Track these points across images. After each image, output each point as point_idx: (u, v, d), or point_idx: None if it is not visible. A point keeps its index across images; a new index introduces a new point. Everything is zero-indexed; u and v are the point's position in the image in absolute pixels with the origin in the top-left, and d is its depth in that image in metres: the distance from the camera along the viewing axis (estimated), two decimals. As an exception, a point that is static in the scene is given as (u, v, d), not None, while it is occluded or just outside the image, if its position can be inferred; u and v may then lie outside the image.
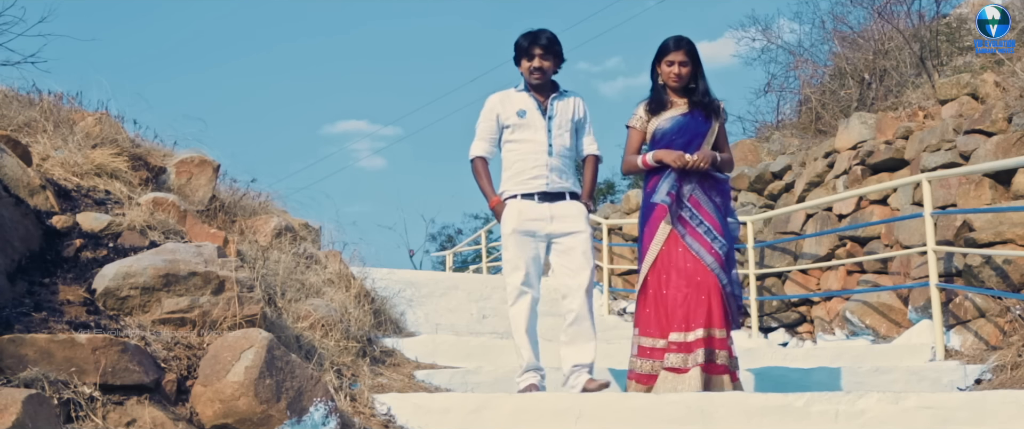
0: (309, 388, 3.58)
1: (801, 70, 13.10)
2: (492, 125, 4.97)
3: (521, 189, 4.85)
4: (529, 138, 4.87)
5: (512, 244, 4.81)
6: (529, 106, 4.92)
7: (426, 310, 8.43)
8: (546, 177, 4.84)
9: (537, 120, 4.90)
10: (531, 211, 4.81)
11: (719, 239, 4.57)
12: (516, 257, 4.80)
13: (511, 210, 4.83)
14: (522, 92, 4.98)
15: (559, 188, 4.86)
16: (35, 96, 6.43)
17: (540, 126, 4.88)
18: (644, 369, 4.56)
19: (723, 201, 4.73)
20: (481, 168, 4.98)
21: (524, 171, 4.86)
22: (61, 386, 3.07)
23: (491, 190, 4.94)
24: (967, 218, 6.35)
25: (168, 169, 6.06)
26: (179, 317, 3.94)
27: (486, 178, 4.97)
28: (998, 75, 7.46)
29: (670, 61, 4.74)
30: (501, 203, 4.86)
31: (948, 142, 7.14)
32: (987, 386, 5.23)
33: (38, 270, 4.13)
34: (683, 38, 4.76)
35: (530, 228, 4.80)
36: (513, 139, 4.92)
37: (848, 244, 7.92)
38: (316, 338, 4.91)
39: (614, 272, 10.85)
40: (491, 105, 5.00)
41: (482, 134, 4.99)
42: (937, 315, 6.05)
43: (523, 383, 4.72)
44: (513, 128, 4.91)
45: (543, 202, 4.82)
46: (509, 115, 4.92)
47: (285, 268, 5.62)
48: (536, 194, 4.83)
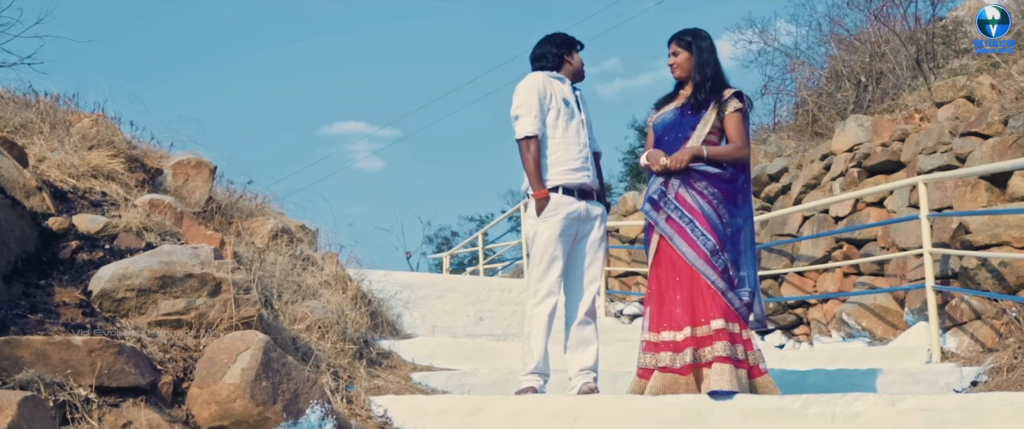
0: (305, 390, 3.58)
1: (798, 72, 13.11)
2: (542, 103, 4.67)
3: (565, 180, 4.64)
4: (573, 129, 4.71)
5: (548, 240, 4.61)
6: (571, 97, 4.80)
7: (423, 312, 8.43)
8: (588, 172, 4.72)
9: (577, 113, 4.79)
10: (573, 207, 4.65)
11: (706, 236, 4.39)
12: (554, 255, 4.61)
13: (555, 202, 4.61)
14: (560, 81, 4.83)
15: (594, 186, 4.76)
16: (32, 97, 6.43)
17: (580, 118, 4.78)
18: (646, 363, 4.47)
19: (720, 196, 4.50)
20: (536, 150, 4.62)
21: (568, 161, 4.67)
22: (57, 388, 3.07)
23: (541, 180, 4.63)
24: (963, 220, 6.36)
25: (165, 171, 6.06)
26: (175, 319, 3.93)
27: (538, 164, 4.62)
28: (994, 78, 7.48)
29: (668, 54, 4.73)
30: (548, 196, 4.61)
31: (944, 144, 7.15)
32: (983, 388, 5.24)
33: (34, 272, 4.12)
34: (680, 31, 4.72)
35: (570, 226, 4.66)
36: (558, 125, 4.69)
37: (845, 246, 7.93)
38: (313, 340, 4.91)
39: (611, 274, 10.86)
40: (538, 81, 4.71)
41: (533, 110, 4.65)
42: (933, 317, 6.06)
43: (525, 383, 4.59)
44: (558, 114, 4.69)
45: (581, 199, 4.69)
46: (556, 99, 4.72)
47: (282, 270, 5.62)
48: (576, 189, 4.67)
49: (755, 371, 4.34)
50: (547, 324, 4.63)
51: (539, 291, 4.64)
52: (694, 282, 4.39)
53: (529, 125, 4.63)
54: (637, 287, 10.84)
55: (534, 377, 4.61)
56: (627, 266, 10.98)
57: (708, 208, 4.47)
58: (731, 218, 4.54)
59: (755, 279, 4.57)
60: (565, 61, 4.87)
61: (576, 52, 4.89)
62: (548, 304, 4.63)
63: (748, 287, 4.48)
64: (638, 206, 11.72)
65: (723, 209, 4.51)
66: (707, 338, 4.31)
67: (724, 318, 4.31)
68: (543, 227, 4.62)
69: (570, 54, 4.88)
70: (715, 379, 4.17)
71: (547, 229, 4.61)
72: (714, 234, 4.43)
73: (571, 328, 4.71)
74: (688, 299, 4.39)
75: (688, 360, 4.29)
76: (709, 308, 4.34)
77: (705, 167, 4.50)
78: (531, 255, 4.74)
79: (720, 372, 4.18)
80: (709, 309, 4.34)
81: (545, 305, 4.63)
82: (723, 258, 4.40)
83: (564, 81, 4.83)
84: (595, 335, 4.73)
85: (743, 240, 4.57)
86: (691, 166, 4.49)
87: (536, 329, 4.63)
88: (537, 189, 4.61)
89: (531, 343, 4.63)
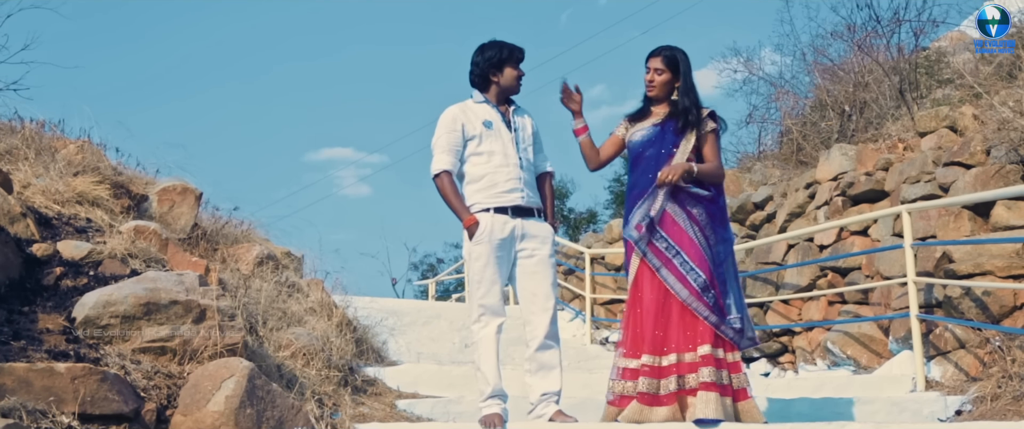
0: (290, 417, 3.56)
1: (782, 101, 13.19)
2: (457, 137, 4.61)
3: (494, 202, 4.55)
4: (498, 150, 4.61)
5: (484, 262, 4.51)
6: (494, 117, 4.67)
7: (408, 339, 8.41)
8: (521, 190, 4.59)
9: (504, 132, 4.64)
10: (505, 228, 4.53)
11: (696, 271, 4.36)
12: (488, 277, 4.51)
13: (485, 225, 4.51)
14: (482, 103, 4.71)
15: (531, 203, 4.64)
16: (17, 124, 6.42)
17: (508, 138, 4.65)
18: (625, 391, 4.38)
19: (707, 218, 4.49)
20: (450, 183, 4.60)
21: (497, 184, 4.58)
22: (39, 416, 3.05)
23: (464, 207, 4.58)
24: (947, 250, 6.39)
25: (150, 197, 6.05)
26: (160, 346, 3.92)
27: (456, 194, 4.60)
28: (976, 108, 7.55)
29: (648, 67, 4.64)
30: (477, 222, 4.53)
31: (927, 174, 7.21)
32: (967, 417, 5.25)
33: (17, 298, 4.10)
34: (665, 46, 4.64)
35: (503, 246, 4.54)
36: (480, 151, 4.61)
37: (829, 275, 7.96)
38: (297, 367, 4.89)
39: (597, 301, 10.86)
40: (453, 115, 4.66)
41: (447, 147, 4.61)
42: (918, 346, 6.08)
43: (487, 410, 4.47)
44: (479, 140, 4.61)
45: (516, 217, 4.56)
46: (474, 126, 4.62)
47: (267, 297, 5.61)
48: (510, 209, 4.56)
49: (740, 395, 4.31)
50: (494, 346, 4.52)
51: (480, 314, 4.55)
52: (683, 309, 4.36)
53: (439, 162, 4.61)
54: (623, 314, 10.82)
55: (494, 402, 4.48)
56: (613, 293, 10.98)
57: (698, 233, 4.44)
58: (718, 240, 4.52)
59: (741, 299, 4.55)
60: (491, 81, 4.72)
61: (509, 67, 4.70)
62: (491, 326, 4.54)
63: (737, 312, 4.45)
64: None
65: (710, 231, 4.49)
66: (693, 365, 4.27)
67: (711, 344, 4.27)
68: (476, 250, 4.53)
69: (498, 72, 4.70)
70: (701, 408, 4.14)
71: (482, 252, 4.52)
72: (704, 266, 4.38)
73: (530, 353, 4.57)
74: (676, 324, 4.33)
75: (673, 388, 4.24)
76: (697, 334, 4.30)
77: (696, 189, 4.47)
78: (469, 279, 4.68)
79: (705, 401, 4.15)
80: (697, 335, 4.30)
81: (489, 328, 4.54)
82: (713, 293, 4.35)
83: (488, 103, 4.71)
84: (557, 359, 4.58)
85: (728, 262, 4.56)
86: (680, 185, 4.45)
87: (484, 353, 4.53)
88: (464, 217, 4.56)
89: (483, 368, 4.52)
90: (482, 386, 4.52)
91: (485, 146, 4.61)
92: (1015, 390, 5.16)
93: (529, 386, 4.57)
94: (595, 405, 5.05)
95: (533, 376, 4.56)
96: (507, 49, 4.70)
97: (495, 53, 4.69)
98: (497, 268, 4.53)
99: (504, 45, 4.72)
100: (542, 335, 4.54)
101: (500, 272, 4.55)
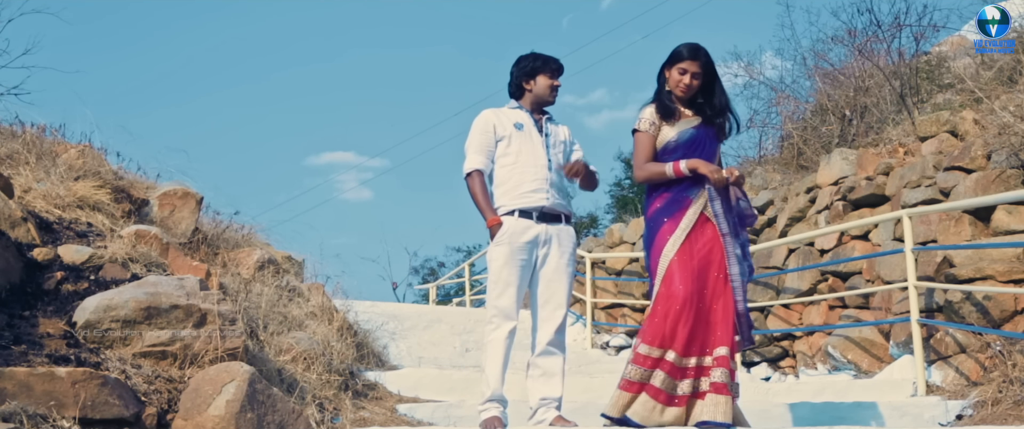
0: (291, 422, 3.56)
1: (783, 106, 13.21)
2: (489, 138, 4.67)
3: (519, 204, 4.57)
4: (528, 151, 4.64)
5: (502, 263, 4.51)
6: (526, 120, 4.72)
7: (409, 343, 8.41)
8: (547, 192, 4.60)
9: (535, 135, 4.70)
10: (528, 232, 4.55)
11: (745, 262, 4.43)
12: (504, 279, 4.51)
13: (508, 227, 4.53)
14: (516, 109, 4.80)
15: (558, 208, 4.65)
16: (18, 128, 6.43)
17: (538, 140, 4.69)
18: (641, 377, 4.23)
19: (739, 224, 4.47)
20: (480, 183, 4.63)
21: (523, 184, 4.59)
22: (40, 420, 3.05)
23: (491, 207, 4.60)
24: (947, 254, 6.39)
25: (151, 201, 6.05)
26: (160, 350, 3.92)
27: (484, 194, 4.62)
28: (977, 113, 7.55)
29: (683, 69, 4.44)
30: (500, 222, 4.55)
31: (928, 178, 7.21)
32: (968, 422, 5.25)
33: (18, 303, 4.10)
34: (701, 48, 4.45)
35: (526, 250, 4.55)
36: (510, 152, 4.65)
37: (830, 279, 7.96)
38: (298, 371, 4.90)
39: (597, 306, 10.85)
40: (486, 118, 4.73)
41: (479, 147, 4.67)
42: (918, 350, 6.08)
43: (486, 413, 4.47)
44: (509, 141, 4.66)
45: (541, 222, 4.58)
46: (505, 127, 4.68)
47: (268, 301, 5.61)
48: (535, 212, 4.57)
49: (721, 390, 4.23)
50: (503, 350, 4.51)
51: (492, 316, 4.55)
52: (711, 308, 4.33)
53: (471, 162, 4.66)
54: (623, 319, 10.83)
55: (493, 405, 4.48)
56: (614, 297, 10.98)
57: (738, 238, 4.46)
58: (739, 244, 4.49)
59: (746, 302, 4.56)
60: (524, 89, 4.80)
61: (543, 76, 4.76)
62: (503, 330, 4.52)
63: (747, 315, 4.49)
64: (624, 238, 11.72)
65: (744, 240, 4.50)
66: (708, 368, 4.23)
67: (728, 345, 4.25)
68: (496, 252, 4.54)
69: (531, 81, 4.77)
70: (709, 410, 4.11)
71: (500, 254, 4.53)
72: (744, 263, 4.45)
73: (533, 358, 4.58)
74: (702, 324, 4.28)
75: (687, 391, 4.21)
76: (718, 337, 4.26)
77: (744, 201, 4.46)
78: (488, 280, 4.68)
79: (715, 403, 4.12)
80: (718, 338, 4.26)
81: (500, 331, 4.52)
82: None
83: (522, 109, 4.78)
84: (560, 367, 4.57)
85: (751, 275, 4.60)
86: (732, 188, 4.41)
87: (491, 356, 4.52)
88: (488, 217, 4.59)
89: (487, 370, 4.52)
90: (483, 388, 4.53)
91: (514, 147, 4.66)
92: (1016, 395, 5.16)
93: (529, 390, 4.58)
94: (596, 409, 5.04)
95: (533, 381, 4.56)
96: (541, 59, 4.80)
97: (529, 62, 4.79)
98: (514, 271, 4.53)
99: (539, 56, 4.82)
100: (546, 341, 4.54)
101: (519, 276, 4.55)
